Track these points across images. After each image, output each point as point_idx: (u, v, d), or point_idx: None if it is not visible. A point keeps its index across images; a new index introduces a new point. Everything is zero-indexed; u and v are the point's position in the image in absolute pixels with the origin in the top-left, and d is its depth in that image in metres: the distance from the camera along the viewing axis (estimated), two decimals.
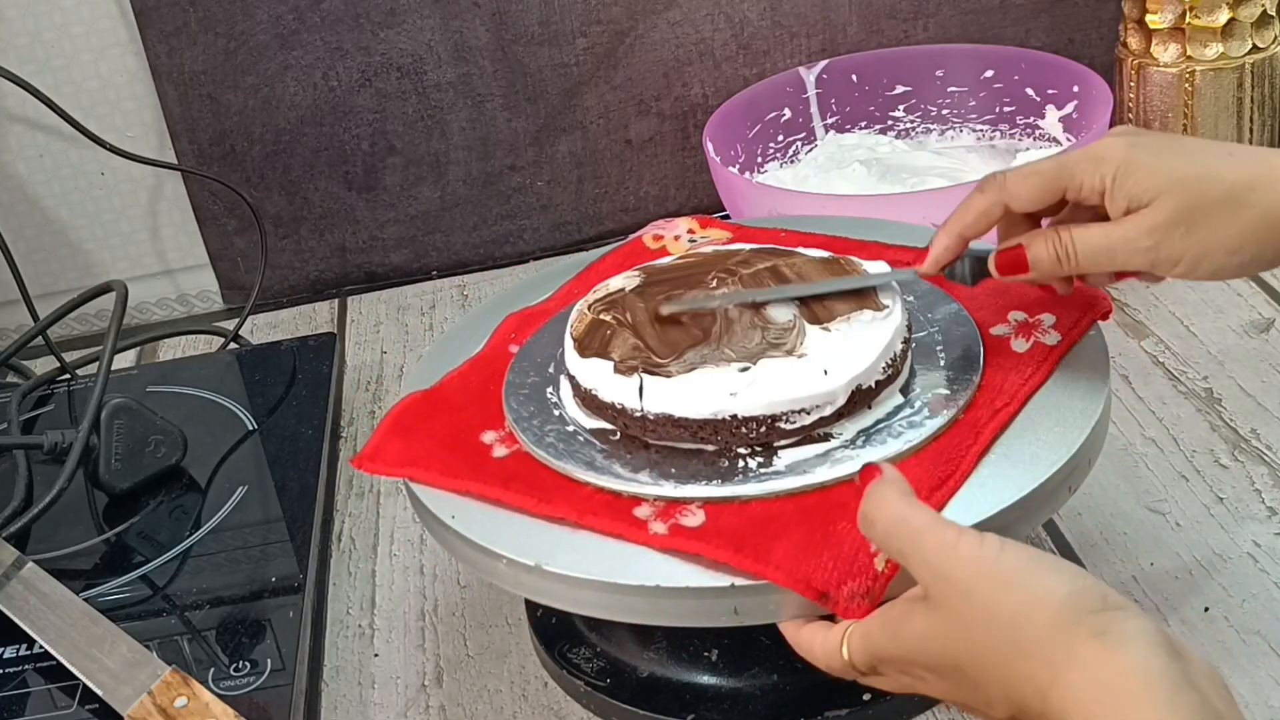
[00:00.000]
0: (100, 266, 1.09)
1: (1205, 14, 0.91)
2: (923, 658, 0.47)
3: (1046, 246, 0.56)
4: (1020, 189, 0.57)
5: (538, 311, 0.72)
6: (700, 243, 0.75)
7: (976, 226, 0.59)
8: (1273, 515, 0.69)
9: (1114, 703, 0.40)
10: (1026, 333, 0.62)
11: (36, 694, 0.65)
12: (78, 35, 1.01)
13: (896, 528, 0.48)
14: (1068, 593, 0.43)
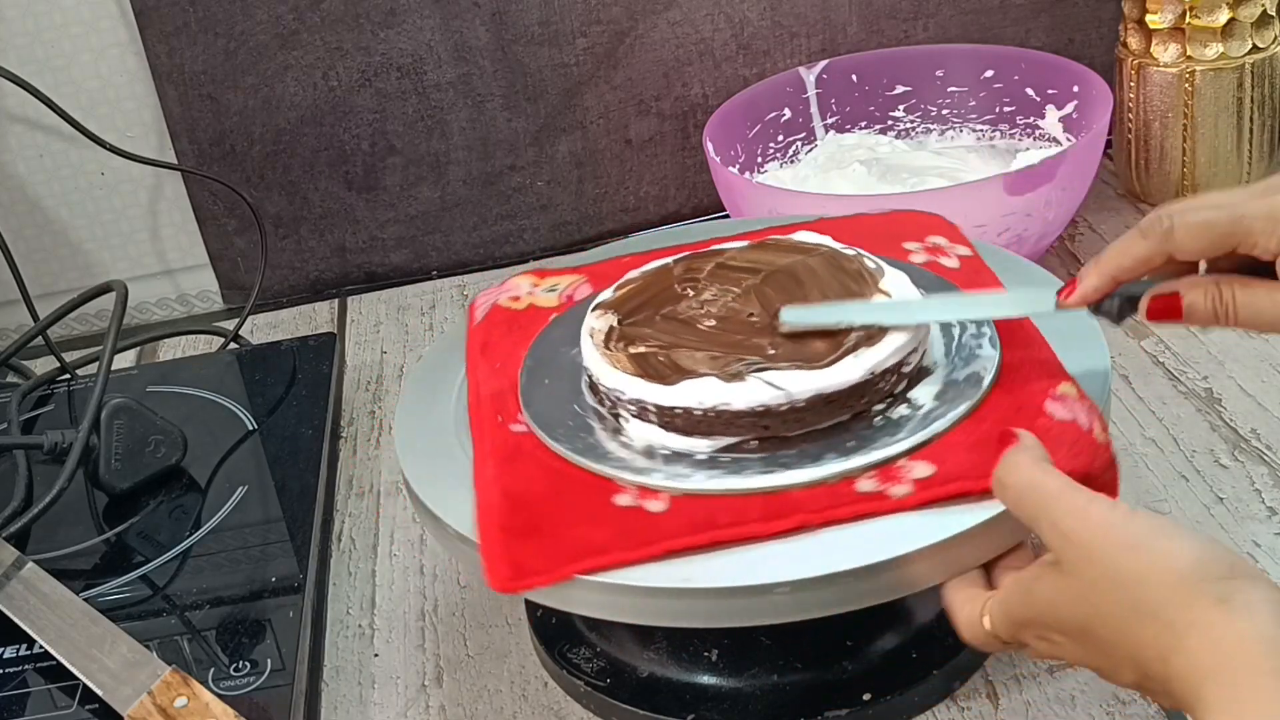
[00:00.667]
0: (100, 266, 1.09)
1: (1205, 14, 0.91)
2: (1054, 621, 0.47)
3: (1205, 299, 0.53)
4: (1188, 242, 0.53)
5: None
6: (563, 287, 0.74)
7: (1133, 272, 0.55)
8: (1273, 515, 0.69)
9: (1231, 668, 0.41)
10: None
11: (36, 694, 0.65)
12: (78, 35, 1.01)
13: (1029, 492, 0.48)
14: (1194, 558, 0.43)
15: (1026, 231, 0.85)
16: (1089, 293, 0.56)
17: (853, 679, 0.61)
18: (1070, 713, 0.60)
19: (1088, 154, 0.87)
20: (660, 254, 0.71)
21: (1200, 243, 0.53)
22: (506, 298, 0.74)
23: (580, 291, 0.73)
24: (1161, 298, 0.54)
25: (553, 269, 0.76)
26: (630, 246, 0.79)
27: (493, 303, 0.73)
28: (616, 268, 0.72)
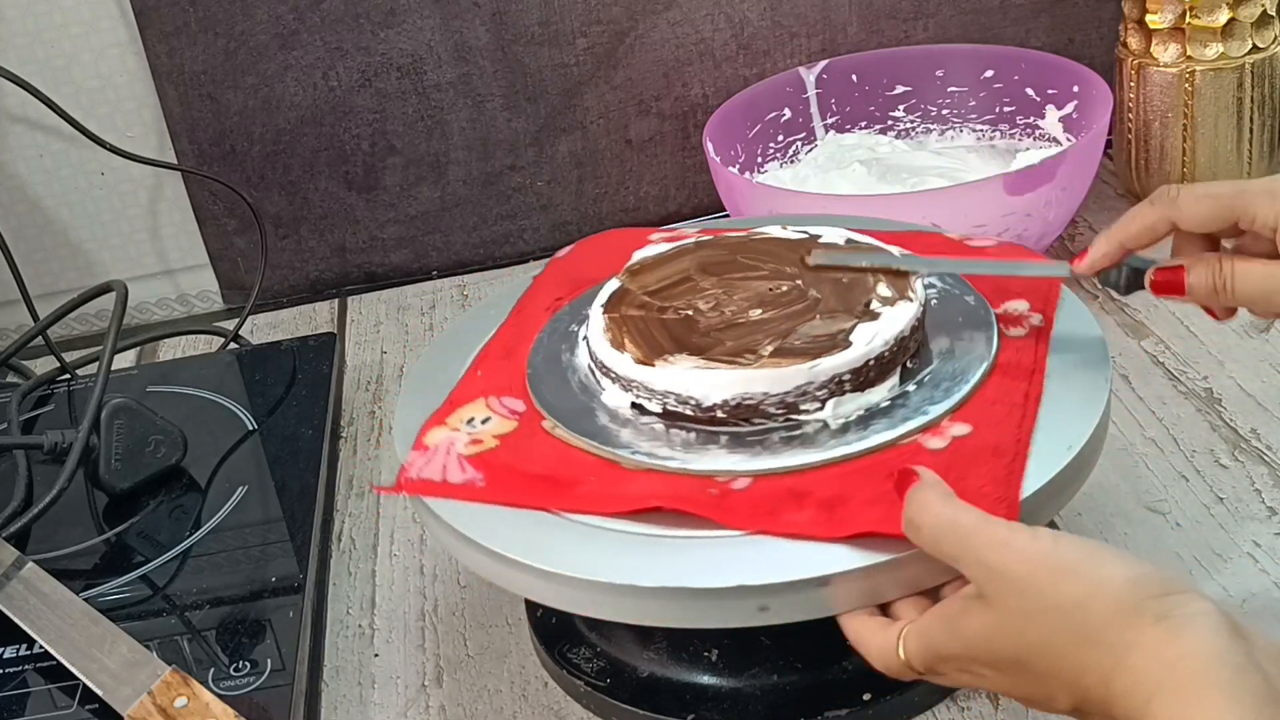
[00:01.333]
0: (100, 266, 1.09)
1: (1205, 14, 0.91)
2: (984, 654, 0.47)
3: (1206, 275, 0.54)
4: (1191, 210, 0.55)
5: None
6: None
7: (1139, 239, 0.57)
8: (1273, 515, 0.69)
9: (1176, 685, 0.40)
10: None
11: (36, 694, 0.65)
12: (78, 35, 1.01)
13: (945, 531, 0.48)
14: (1129, 579, 0.43)
15: (1026, 231, 0.85)
16: (1098, 259, 0.58)
17: (853, 679, 0.61)
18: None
19: (1088, 154, 0.87)
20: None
21: (1203, 211, 0.55)
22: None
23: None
24: (1166, 270, 0.56)
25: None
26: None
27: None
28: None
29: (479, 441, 0.60)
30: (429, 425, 0.62)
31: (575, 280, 0.73)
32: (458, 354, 0.69)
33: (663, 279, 0.67)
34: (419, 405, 0.66)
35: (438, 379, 0.68)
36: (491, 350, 0.68)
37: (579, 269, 0.74)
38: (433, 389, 0.67)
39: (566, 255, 0.76)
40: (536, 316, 0.70)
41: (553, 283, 0.73)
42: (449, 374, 0.68)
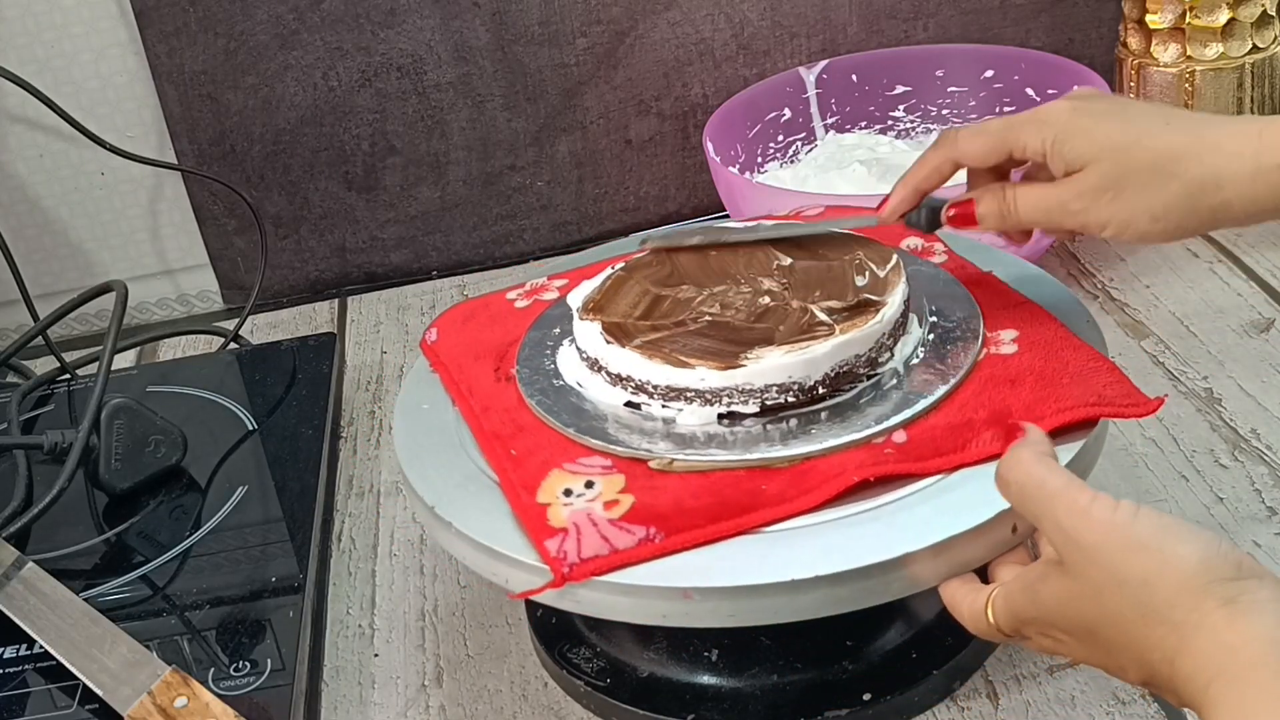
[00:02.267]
0: (100, 266, 1.09)
1: (1205, 14, 0.91)
2: (1059, 620, 0.48)
3: (993, 202, 0.60)
4: (969, 146, 0.61)
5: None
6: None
7: (930, 180, 0.62)
8: (1273, 515, 0.69)
9: (1235, 670, 0.41)
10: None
11: (36, 694, 0.65)
12: (78, 35, 1.01)
13: (1032, 490, 0.48)
14: (1200, 559, 0.43)
15: None
16: (897, 205, 0.63)
17: (853, 679, 0.61)
18: (1070, 713, 0.60)
19: None
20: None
21: (979, 147, 0.60)
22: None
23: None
24: (959, 204, 0.61)
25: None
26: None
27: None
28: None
29: (614, 504, 0.55)
30: (528, 511, 0.56)
31: (480, 350, 0.68)
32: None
33: (635, 304, 0.64)
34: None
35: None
36: (489, 432, 0.62)
37: (468, 341, 0.69)
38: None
39: (442, 337, 0.70)
40: (494, 389, 0.65)
41: (463, 357, 0.68)
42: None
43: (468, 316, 0.72)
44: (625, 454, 0.58)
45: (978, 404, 0.58)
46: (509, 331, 0.69)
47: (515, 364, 0.66)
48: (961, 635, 0.62)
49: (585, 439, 0.59)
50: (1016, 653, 0.64)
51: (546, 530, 0.54)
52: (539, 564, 0.54)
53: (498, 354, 0.67)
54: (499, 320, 0.71)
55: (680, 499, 0.55)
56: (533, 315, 0.70)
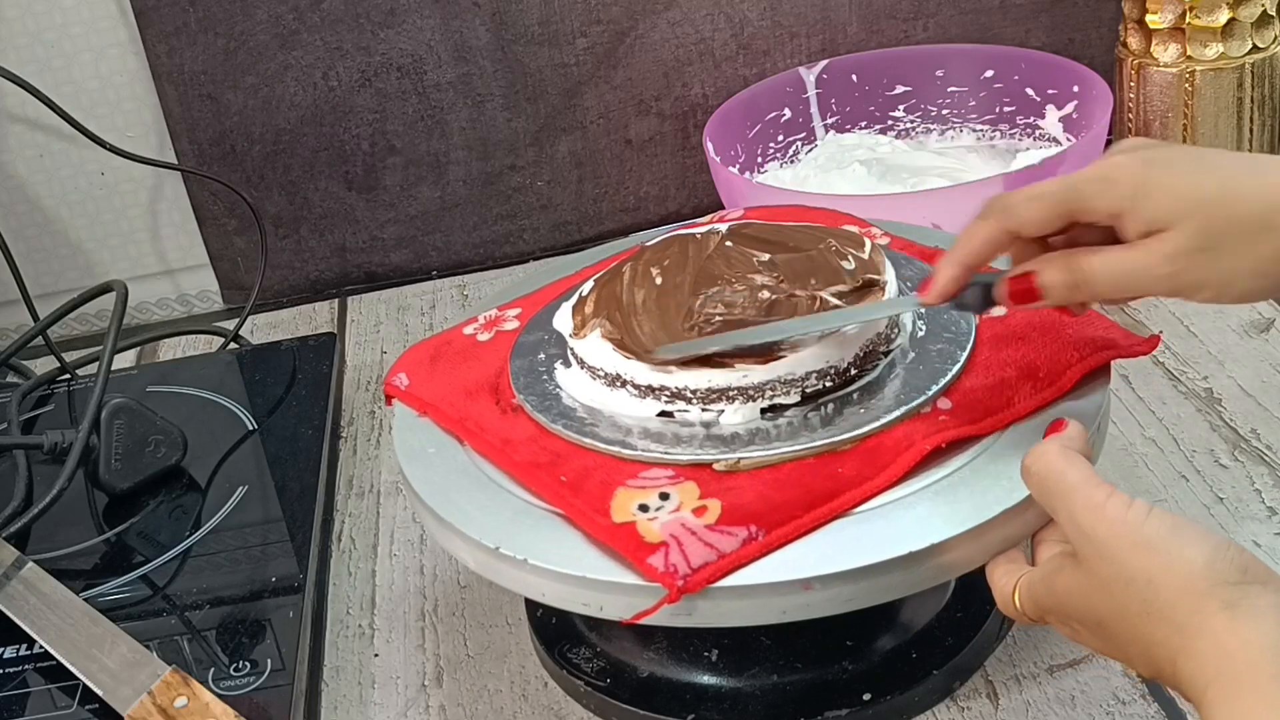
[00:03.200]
0: (100, 266, 1.09)
1: (1205, 14, 0.91)
2: (1073, 611, 0.48)
3: (1060, 273, 0.52)
4: (1028, 214, 0.53)
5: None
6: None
7: (982, 255, 0.55)
8: (1273, 515, 0.69)
9: (1234, 675, 0.41)
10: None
11: (36, 694, 0.65)
12: (78, 35, 1.01)
13: (1050, 481, 0.49)
14: (1205, 561, 0.43)
15: None
16: (945, 285, 0.55)
17: (853, 679, 0.61)
18: (1070, 713, 0.60)
19: (1088, 154, 0.87)
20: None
21: (1038, 213, 0.52)
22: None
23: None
24: (1017, 279, 0.53)
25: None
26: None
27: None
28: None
29: (702, 510, 0.54)
30: (614, 533, 0.54)
31: (469, 387, 0.66)
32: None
33: (632, 317, 0.63)
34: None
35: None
36: (525, 463, 0.59)
37: (448, 380, 0.67)
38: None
39: (415, 381, 0.67)
40: (505, 422, 0.63)
41: (452, 396, 0.65)
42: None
43: (433, 356, 0.68)
44: (688, 461, 0.57)
45: (1003, 364, 0.59)
46: (487, 365, 0.67)
47: (515, 394, 0.64)
48: (961, 635, 0.63)
49: (637, 454, 0.57)
50: (1016, 652, 0.64)
51: (644, 548, 0.52)
52: (640, 583, 0.52)
53: (489, 388, 0.65)
54: (469, 356, 0.68)
55: (765, 495, 0.54)
56: (501, 348, 0.68)
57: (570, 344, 0.63)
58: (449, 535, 0.58)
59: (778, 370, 0.58)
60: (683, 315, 0.62)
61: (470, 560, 0.57)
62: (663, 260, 0.66)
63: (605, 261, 0.73)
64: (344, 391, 0.93)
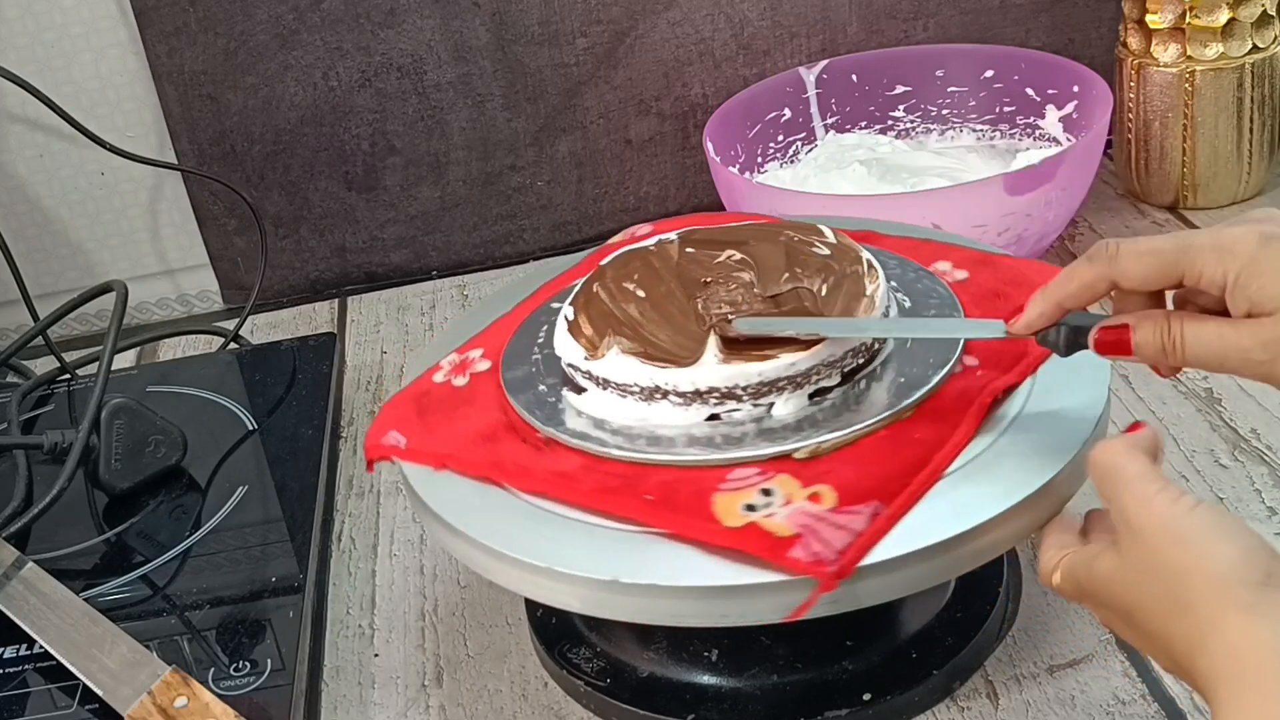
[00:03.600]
0: (100, 266, 1.09)
1: (1205, 14, 0.91)
2: (1107, 598, 0.48)
3: (1154, 334, 0.51)
4: (1132, 268, 0.51)
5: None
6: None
7: (1079, 298, 0.53)
8: (1273, 515, 0.69)
9: (1244, 675, 0.41)
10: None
11: (36, 694, 0.65)
12: (78, 35, 1.01)
13: (1111, 472, 0.49)
14: (1233, 561, 0.44)
15: (1026, 231, 0.85)
16: (1033, 319, 0.55)
17: (853, 679, 0.61)
18: (1070, 713, 0.60)
19: (1088, 154, 0.87)
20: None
21: (1144, 269, 0.51)
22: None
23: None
24: (1111, 329, 0.53)
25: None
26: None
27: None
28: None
29: (816, 497, 0.54)
30: (740, 537, 0.53)
31: (485, 433, 0.63)
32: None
33: (640, 331, 0.62)
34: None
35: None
36: (594, 491, 0.57)
37: (453, 432, 0.63)
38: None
39: (414, 440, 0.63)
40: (544, 458, 0.60)
41: (473, 445, 0.62)
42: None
43: (419, 410, 0.65)
44: (770, 455, 0.56)
45: (1001, 318, 0.59)
46: (485, 408, 0.64)
47: (537, 430, 0.61)
48: (961, 635, 0.63)
49: (712, 458, 0.57)
50: (1016, 652, 0.64)
51: (779, 543, 0.52)
52: (780, 579, 0.51)
53: (504, 428, 0.62)
54: (458, 403, 0.65)
55: (867, 471, 0.55)
56: (487, 388, 0.65)
57: (585, 368, 0.61)
58: (552, 582, 0.55)
59: (821, 354, 0.58)
60: (692, 319, 0.61)
61: (576, 601, 0.55)
62: (631, 275, 0.65)
63: (557, 280, 0.73)
64: (344, 391, 0.93)
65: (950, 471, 0.55)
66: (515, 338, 0.68)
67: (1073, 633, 0.64)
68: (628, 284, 0.64)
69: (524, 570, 0.55)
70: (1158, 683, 0.61)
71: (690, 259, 0.66)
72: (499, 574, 0.57)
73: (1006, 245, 0.84)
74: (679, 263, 0.65)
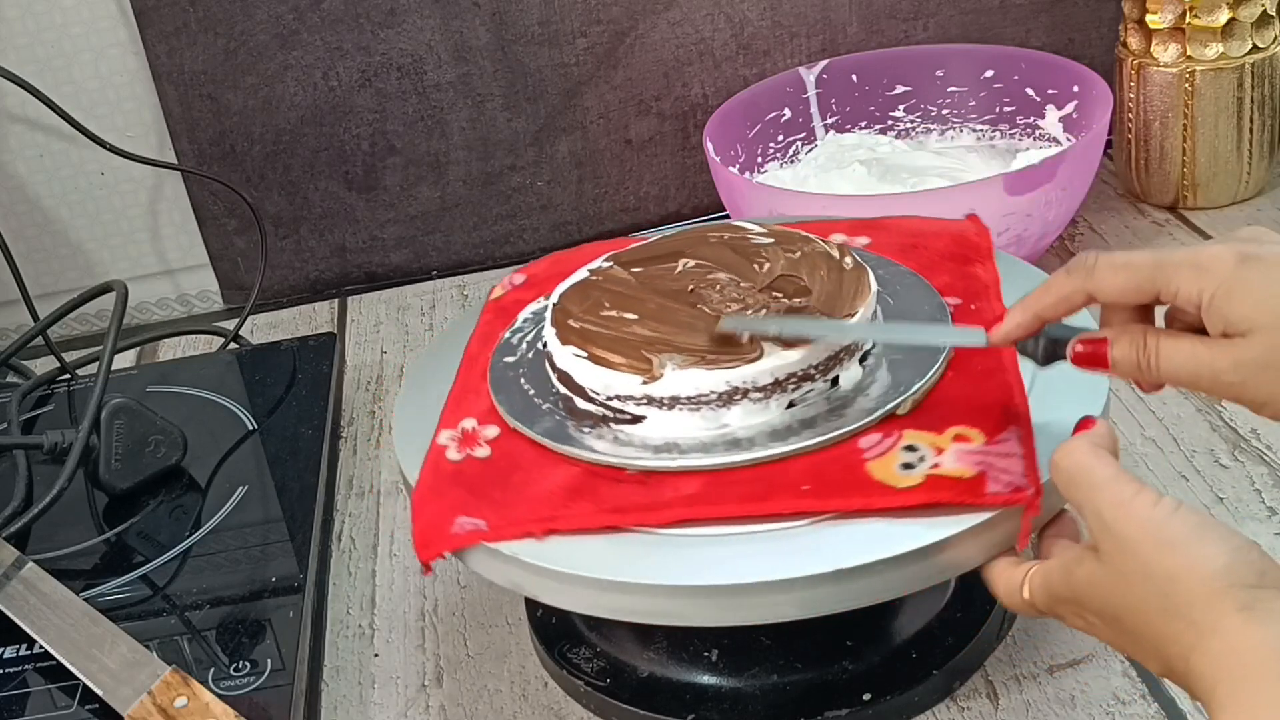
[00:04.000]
0: (100, 266, 1.09)
1: (1205, 14, 0.91)
2: (1090, 604, 0.48)
3: (1131, 349, 0.51)
4: (1108, 281, 0.51)
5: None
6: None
7: (1055, 310, 0.53)
8: (1273, 515, 0.69)
9: (1244, 675, 0.41)
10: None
11: (36, 694, 0.65)
12: (78, 35, 1.01)
13: (1079, 476, 0.49)
14: (1224, 563, 0.44)
15: (1026, 231, 0.85)
16: (1012, 330, 0.54)
17: (853, 679, 0.61)
18: (1070, 713, 0.60)
19: (1088, 154, 0.87)
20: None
21: (1121, 282, 0.51)
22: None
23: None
24: (1089, 342, 0.53)
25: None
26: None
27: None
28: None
29: (964, 438, 0.56)
30: (927, 491, 0.54)
31: (545, 502, 0.58)
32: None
33: (657, 340, 0.61)
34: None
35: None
36: (743, 498, 0.56)
37: (524, 512, 0.58)
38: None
39: (497, 519, 0.57)
40: (647, 489, 0.57)
41: (554, 504, 0.58)
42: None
43: (472, 491, 0.59)
44: (880, 417, 0.57)
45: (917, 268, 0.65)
46: (541, 467, 0.59)
47: (625, 469, 0.58)
48: (961, 635, 0.63)
49: (844, 431, 0.57)
50: (1016, 652, 0.64)
51: (970, 485, 0.53)
52: (978, 522, 0.52)
53: (586, 474, 0.58)
54: (506, 472, 0.60)
55: (975, 406, 0.58)
56: (519, 451, 0.61)
57: (643, 394, 0.58)
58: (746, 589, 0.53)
59: (867, 315, 0.61)
60: (711, 322, 0.60)
61: (792, 608, 0.53)
62: (602, 304, 0.63)
63: (478, 332, 0.70)
64: (344, 391, 0.93)
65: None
66: (500, 395, 0.64)
67: (1072, 633, 0.64)
68: (607, 312, 0.62)
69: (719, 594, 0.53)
70: (1157, 683, 0.61)
71: (648, 276, 0.65)
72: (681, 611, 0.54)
73: (1006, 245, 0.84)
74: (640, 282, 0.64)
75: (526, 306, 0.71)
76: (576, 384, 0.61)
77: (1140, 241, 0.95)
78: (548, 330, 0.63)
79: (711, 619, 0.53)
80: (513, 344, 0.67)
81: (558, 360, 0.62)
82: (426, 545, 0.56)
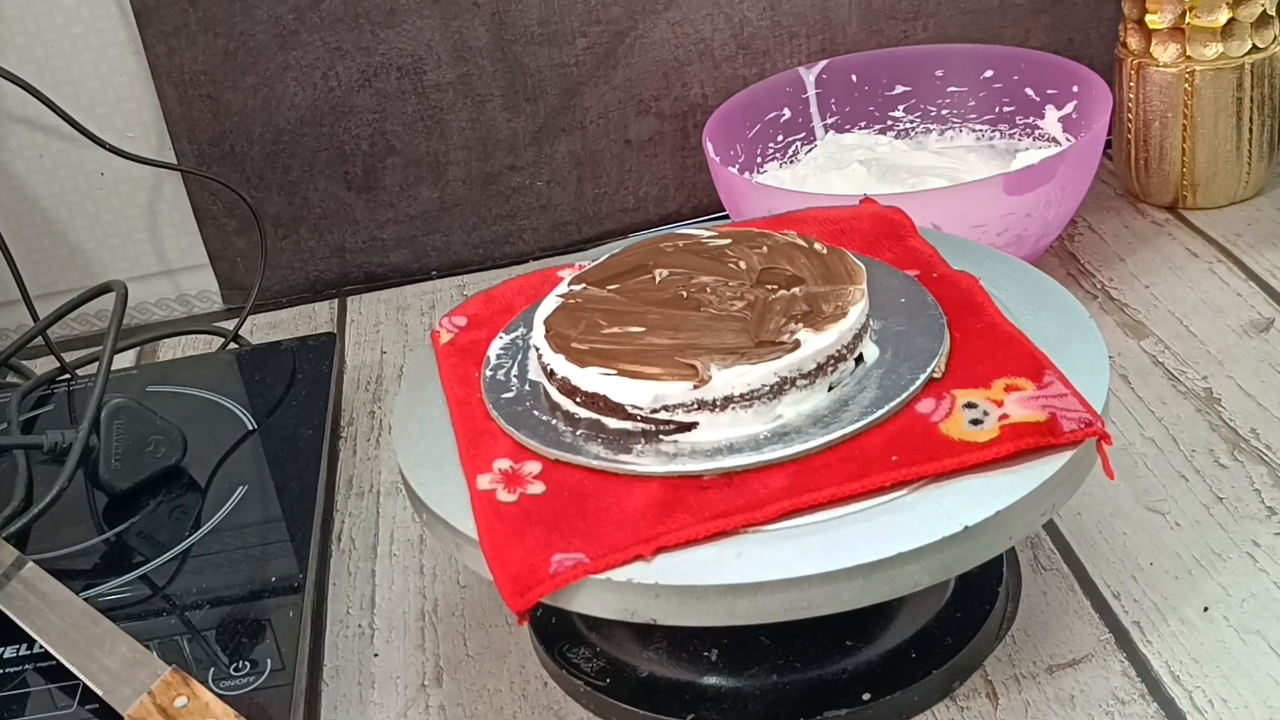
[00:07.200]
0: (100, 266, 1.09)
1: (1205, 14, 0.91)
2: None
3: None
4: None
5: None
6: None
7: None
8: (1273, 515, 0.69)
9: None
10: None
11: (36, 694, 0.65)
12: (78, 35, 1.01)
13: None
14: None
15: (1026, 231, 0.85)
16: None
17: (853, 679, 0.61)
18: (1070, 713, 0.60)
19: (1087, 154, 0.87)
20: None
21: None
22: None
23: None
24: None
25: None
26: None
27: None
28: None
29: (1015, 388, 0.57)
30: (999, 446, 0.55)
31: (626, 526, 0.56)
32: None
33: (686, 346, 0.60)
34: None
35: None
36: (840, 484, 0.55)
37: (606, 532, 0.56)
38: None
39: (593, 552, 0.54)
40: (727, 496, 0.56)
41: (641, 527, 0.56)
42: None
43: (556, 527, 0.56)
44: (924, 381, 0.59)
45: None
46: (614, 491, 0.57)
47: (702, 476, 0.57)
48: (961, 635, 0.63)
49: (904, 399, 0.58)
50: (1016, 652, 0.64)
51: (1047, 428, 0.55)
52: (1055, 470, 0.54)
53: (662, 487, 0.57)
54: (578, 502, 0.57)
55: (1003, 358, 0.60)
56: (577, 481, 0.58)
57: (694, 399, 0.57)
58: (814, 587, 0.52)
59: (864, 289, 0.63)
60: (728, 322, 0.61)
61: (926, 575, 0.53)
62: (598, 325, 0.62)
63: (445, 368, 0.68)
64: (344, 391, 0.93)
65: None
66: (524, 431, 0.61)
67: (1072, 633, 0.64)
68: (610, 330, 0.61)
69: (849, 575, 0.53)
70: (1158, 683, 0.61)
71: (630, 290, 0.64)
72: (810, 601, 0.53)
73: (1006, 245, 0.84)
74: (626, 297, 0.63)
75: (491, 344, 0.68)
76: (613, 403, 0.58)
77: (1140, 241, 0.95)
78: (553, 358, 0.61)
79: (853, 600, 0.52)
80: (501, 380, 0.65)
81: (582, 384, 0.59)
82: (523, 592, 0.53)
